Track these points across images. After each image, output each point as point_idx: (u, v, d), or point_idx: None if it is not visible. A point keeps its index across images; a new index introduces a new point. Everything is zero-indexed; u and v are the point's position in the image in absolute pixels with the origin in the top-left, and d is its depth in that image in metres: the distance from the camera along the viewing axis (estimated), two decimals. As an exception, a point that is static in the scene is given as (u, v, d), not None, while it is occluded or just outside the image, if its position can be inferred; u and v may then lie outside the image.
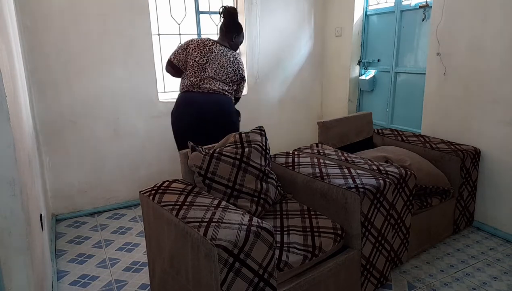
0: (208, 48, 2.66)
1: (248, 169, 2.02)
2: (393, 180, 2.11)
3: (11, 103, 1.41)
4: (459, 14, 2.78)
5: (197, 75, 2.63)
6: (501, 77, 2.58)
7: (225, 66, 2.66)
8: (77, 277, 2.35)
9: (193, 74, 2.64)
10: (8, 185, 1.23)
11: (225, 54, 2.69)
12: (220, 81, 2.66)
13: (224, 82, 2.68)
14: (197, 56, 2.64)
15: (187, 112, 2.64)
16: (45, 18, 2.84)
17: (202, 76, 2.63)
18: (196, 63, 2.63)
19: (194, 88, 2.64)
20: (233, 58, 2.71)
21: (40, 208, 2.10)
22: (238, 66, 2.73)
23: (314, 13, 4.17)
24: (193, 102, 2.63)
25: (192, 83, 2.64)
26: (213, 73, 2.64)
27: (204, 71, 2.63)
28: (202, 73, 2.63)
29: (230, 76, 2.69)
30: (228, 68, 2.67)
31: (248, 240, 1.47)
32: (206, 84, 2.63)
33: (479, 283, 2.20)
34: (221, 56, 2.67)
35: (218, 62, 2.65)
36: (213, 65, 2.64)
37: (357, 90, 4.13)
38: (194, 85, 2.63)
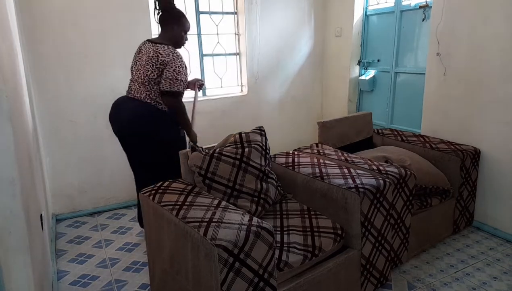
0: (138, 50, 2.47)
1: (248, 169, 2.02)
2: (393, 180, 2.11)
3: (11, 103, 1.41)
4: (459, 14, 2.78)
5: (130, 78, 2.49)
6: (501, 77, 2.58)
7: (144, 64, 2.34)
8: (77, 277, 2.35)
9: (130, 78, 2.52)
10: (8, 185, 1.23)
11: (148, 52, 2.34)
12: (141, 84, 2.36)
13: (145, 85, 2.34)
14: (132, 59, 2.50)
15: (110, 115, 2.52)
16: (45, 18, 2.84)
17: (131, 79, 2.48)
18: (130, 67, 2.50)
19: (127, 91, 2.50)
20: (153, 53, 2.30)
21: (40, 208, 2.10)
22: (158, 57, 2.28)
23: (314, 13, 4.17)
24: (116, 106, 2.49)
25: (128, 87, 2.51)
26: (137, 76, 2.40)
27: (132, 75, 2.47)
28: (132, 77, 2.48)
29: (147, 73, 2.31)
30: (146, 65, 2.32)
31: (248, 240, 1.47)
32: (132, 89, 2.44)
33: (479, 283, 2.20)
34: (144, 54, 2.37)
35: (141, 62, 2.37)
36: (138, 66, 2.39)
37: (357, 90, 4.13)
38: (128, 88, 2.50)
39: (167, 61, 2.29)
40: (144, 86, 2.35)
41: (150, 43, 2.40)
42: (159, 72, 2.30)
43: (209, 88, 3.84)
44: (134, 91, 2.40)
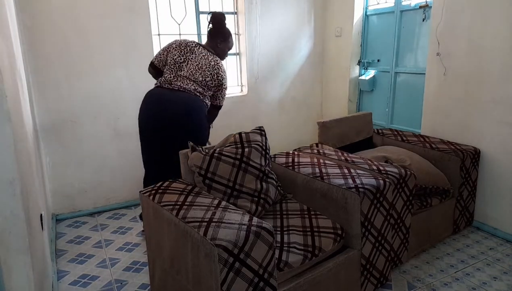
0: (189, 49, 2.55)
1: (248, 169, 2.02)
2: (393, 180, 2.11)
3: (12, 103, 1.41)
4: (459, 14, 2.78)
5: (172, 72, 2.52)
6: (501, 77, 2.58)
7: (203, 68, 2.51)
8: (77, 277, 2.35)
9: (168, 72, 2.53)
10: (8, 185, 1.23)
11: (206, 58, 2.55)
12: (194, 82, 2.50)
13: (198, 84, 2.51)
14: (176, 54, 2.53)
15: (150, 108, 2.51)
16: (45, 18, 2.84)
17: (177, 73, 2.51)
18: (174, 61, 2.52)
19: (165, 84, 2.51)
20: (214, 63, 2.56)
21: (40, 208, 2.10)
22: (218, 71, 2.56)
23: (314, 13, 4.17)
24: (159, 99, 2.49)
25: (165, 80, 2.52)
26: (189, 73, 2.50)
27: (180, 70, 2.51)
28: (177, 72, 2.51)
29: (206, 79, 2.52)
30: (206, 71, 2.52)
31: (248, 240, 1.47)
32: (178, 82, 2.49)
33: (479, 283, 2.21)
34: (201, 58, 2.54)
35: (197, 63, 2.52)
36: (191, 66, 2.51)
37: (357, 90, 4.13)
38: (166, 81, 2.51)
39: (224, 78, 2.61)
40: (196, 85, 2.51)
41: (203, 48, 2.58)
42: (217, 85, 2.58)
43: (209, 88, 3.84)
44: (184, 84, 2.49)
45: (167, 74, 2.52)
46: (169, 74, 2.52)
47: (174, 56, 2.53)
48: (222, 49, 2.71)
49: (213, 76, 2.53)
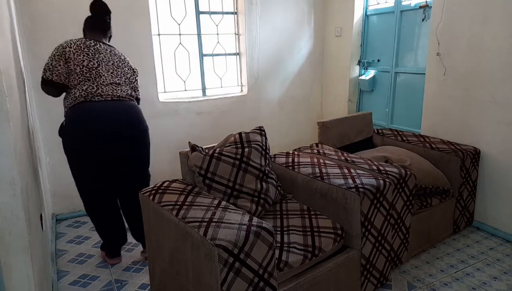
0: (93, 49, 2.17)
1: (248, 169, 2.02)
2: (393, 180, 2.11)
3: (11, 103, 1.41)
4: (459, 14, 2.78)
5: (91, 81, 2.11)
6: (501, 77, 2.58)
7: (121, 66, 2.24)
8: (77, 277, 2.35)
9: (86, 82, 2.10)
10: (8, 185, 1.23)
11: (114, 53, 2.25)
12: (120, 85, 2.22)
13: (125, 86, 2.25)
14: (84, 60, 2.12)
15: (92, 128, 2.08)
16: (45, 18, 2.84)
17: (99, 82, 2.13)
18: (86, 68, 2.11)
19: (92, 96, 2.10)
20: (123, 56, 2.30)
21: (40, 208, 2.10)
22: (129, 63, 2.33)
23: (314, 13, 4.17)
24: (98, 114, 2.08)
25: (88, 92, 2.09)
26: (111, 77, 2.17)
27: (99, 77, 2.13)
28: (98, 79, 2.13)
29: (128, 76, 2.28)
30: (124, 67, 2.26)
31: (248, 240, 1.47)
32: (104, 90, 2.13)
33: (479, 283, 2.21)
34: (111, 55, 2.22)
35: (112, 62, 2.20)
36: (107, 67, 2.17)
37: (357, 90, 4.13)
38: (91, 93, 2.10)
39: (136, 69, 2.39)
40: (124, 87, 2.24)
41: (104, 44, 2.25)
42: (135, 77, 2.36)
43: (209, 88, 3.84)
44: (115, 92, 2.17)
45: (86, 86, 2.10)
46: (89, 85, 2.11)
47: (81, 62, 2.12)
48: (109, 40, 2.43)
49: (130, 69, 2.31)
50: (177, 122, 3.56)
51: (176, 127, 3.55)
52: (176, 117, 3.56)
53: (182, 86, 3.69)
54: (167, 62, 3.57)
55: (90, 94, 2.10)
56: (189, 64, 3.67)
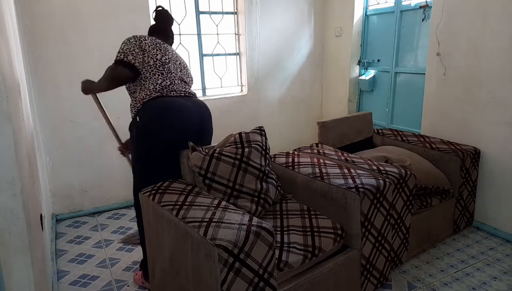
0: (162, 45, 2.13)
1: (248, 169, 2.02)
2: (393, 180, 2.11)
3: (12, 103, 1.41)
4: (459, 14, 2.78)
5: (165, 76, 2.07)
6: (501, 77, 2.58)
7: (186, 67, 2.25)
8: (77, 277, 2.35)
9: (160, 76, 2.06)
10: (8, 185, 1.23)
11: (176, 54, 2.24)
12: (186, 84, 2.20)
13: (189, 85, 2.24)
14: (157, 54, 2.08)
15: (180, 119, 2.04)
16: (45, 18, 2.84)
17: (171, 77, 2.10)
18: (159, 62, 2.07)
19: (167, 91, 2.05)
20: (182, 58, 2.29)
21: (40, 208, 2.10)
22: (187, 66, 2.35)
23: (314, 13, 4.17)
24: (181, 107, 2.05)
25: (162, 86, 2.04)
26: (179, 74, 2.17)
27: (169, 72, 2.10)
28: (169, 74, 2.09)
29: (191, 77, 2.28)
30: (187, 69, 2.26)
31: (248, 240, 1.47)
32: (176, 87, 2.09)
33: (479, 283, 2.20)
34: (177, 56, 2.22)
35: (179, 62, 2.20)
36: (175, 65, 2.15)
37: (357, 90, 4.13)
38: (165, 88, 2.05)
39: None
40: (188, 86, 2.22)
41: (168, 45, 2.22)
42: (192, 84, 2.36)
43: (209, 88, 3.84)
44: (184, 88, 2.14)
45: (160, 80, 2.05)
46: (163, 79, 2.07)
47: (155, 55, 2.07)
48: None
49: (191, 74, 2.32)
50: (177, 122, 3.56)
51: (176, 127, 3.55)
52: (176, 117, 3.55)
53: (182, 86, 3.69)
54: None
55: (165, 89, 2.04)
56: (189, 64, 3.67)
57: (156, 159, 2.06)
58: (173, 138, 2.04)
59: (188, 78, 2.23)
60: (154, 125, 1.99)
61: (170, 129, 2.02)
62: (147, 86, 2.03)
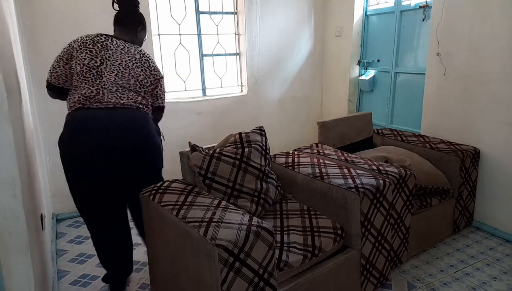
0: (100, 45, 1.85)
1: (248, 169, 2.02)
2: (393, 180, 2.11)
3: (12, 103, 1.41)
4: (459, 14, 2.78)
5: (92, 84, 1.79)
6: (501, 77, 2.58)
7: (130, 66, 1.87)
8: (77, 277, 2.35)
9: (86, 84, 1.80)
10: (8, 185, 1.23)
11: (128, 51, 1.90)
12: (128, 90, 1.86)
13: (134, 91, 1.88)
14: (86, 57, 1.82)
15: (86, 140, 1.75)
16: (45, 18, 2.84)
17: (100, 84, 1.80)
18: (86, 67, 1.80)
19: (91, 103, 1.78)
20: (140, 55, 1.93)
21: (41, 208, 2.10)
22: (149, 64, 1.95)
23: (314, 13, 4.17)
24: (95, 124, 1.76)
25: (86, 97, 1.78)
26: (115, 79, 1.83)
27: (100, 77, 1.81)
28: (98, 81, 1.80)
29: (140, 80, 1.89)
30: (135, 68, 1.89)
31: (248, 239, 1.47)
32: (108, 96, 1.80)
33: (479, 283, 2.21)
34: (121, 53, 1.87)
35: (120, 62, 1.86)
36: (113, 67, 1.83)
37: (357, 90, 4.13)
38: (89, 98, 1.78)
39: (159, 70, 2.01)
40: (138, 94, 1.89)
41: (119, 40, 1.93)
42: (153, 81, 1.96)
43: (209, 88, 3.84)
44: (118, 98, 1.82)
45: (85, 89, 1.79)
46: (88, 88, 1.79)
47: (83, 60, 1.81)
48: (140, 41, 2.10)
49: (146, 72, 1.92)
50: (177, 122, 3.56)
51: (176, 127, 3.55)
52: (176, 117, 3.55)
53: (182, 86, 3.69)
54: (167, 62, 3.57)
55: (88, 100, 1.78)
56: (189, 64, 3.67)
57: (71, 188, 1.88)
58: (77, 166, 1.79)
59: (129, 82, 1.86)
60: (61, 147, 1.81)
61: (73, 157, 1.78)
62: (73, 97, 1.81)
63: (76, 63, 1.83)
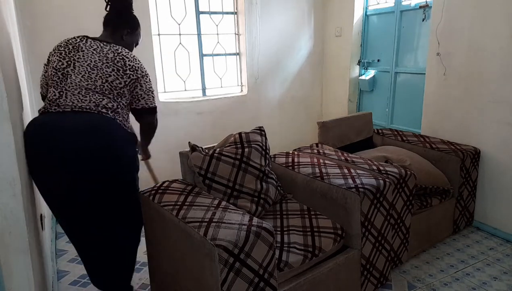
0: (72, 47, 1.75)
1: (248, 169, 2.02)
2: (393, 180, 2.11)
3: (11, 103, 1.41)
4: (459, 14, 2.78)
5: (56, 86, 1.69)
6: (501, 77, 2.58)
7: (99, 66, 1.70)
8: (77, 277, 2.34)
9: (52, 87, 1.71)
10: (8, 185, 1.22)
11: (100, 51, 1.74)
12: (93, 92, 1.68)
13: (101, 93, 1.69)
14: (55, 60, 1.73)
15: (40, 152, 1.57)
16: (45, 18, 2.84)
17: (64, 87, 1.67)
18: (54, 70, 1.71)
19: (51, 107, 1.66)
20: (114, 54, 1.75)
21: (40, 208, 2.10)
22: (124, 62, 1.75)
23: (314, 13, 4.17)
24: (46, 133, 1.57)
25: (49, 100, 1.68)
26: (80, 80, 1.68)
27: (65, 79, 1.68)
28: (63, 83, 1.68)
29: (110, 80, 1.71)
30: (105, 68, 1.71)
31: (248, 240, 1.47)
32: (68, 99, 1.65)
33: (479, 283, 2.20)
34: (92, 54, 1.72)
35: (88, 62, 1.70)
36: (81, 69, 1.69)
37: (357, 90, 4.13)
38: (51, 102, 1.67)
39: (140, 68, 1.80)
40: (105, 97, 1.69)
41: (95, 41, 1.78)
42: (131, 80, 1.76)
43: (209, 88, 3.84)
44: (78, 100, 1.65)
45: (50, 92, 1.70)
46: (53, 91, 1.69)
47: (54, 63, 1.73)
48: (128, 44, 1.94)
49: (118, 72, 1.73)
50: (177, 122, 3.56)
51: (176, 127, 3.55)
52: (176, 117, 3.56)
53: (182, 86, 3.69)
54: (167, 62, 3.58)
55: (49, 104, 1.66)
56: (189, 64, 3.67)
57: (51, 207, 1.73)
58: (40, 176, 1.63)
59: (95, 83, 1.69)
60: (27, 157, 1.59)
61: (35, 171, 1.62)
62: (44, 102, 1.75)
63: (49, 68, 1.76)
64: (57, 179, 1.59)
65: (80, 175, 1.58)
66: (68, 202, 1.65)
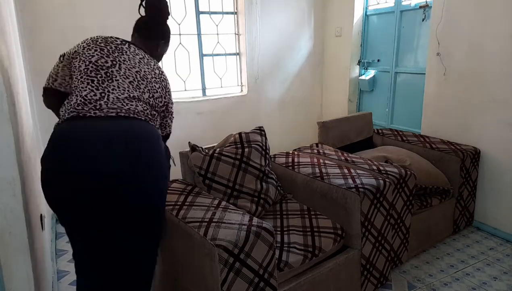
0: (114, 46, 1.53)
1: (248, 169, 2.02)
2: (393, 180, 2.11)
3: (11, 103, 1.41)
4: (459, 14, 2.78)
5: (95, 86, 1.40)
6: (501, 77, 2.58)
7: (149, 78, 1.51)
8: (77, 277, 2.34)
9: (88, 85, 1.40)
10: (8, 185, 1.22)
11: (147, 62, 1.56)
12: (140, 101, 1.45)
13: (146, 103, 1.48)
14: (94, 55, 1.47)
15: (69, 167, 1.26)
16: (45, 18, 2.84)
17: (105, 88, 1.40)
18: (93, 65, 1.44)
19: (88, 109, 1.34)
20: (159, 71, 1.59)
21: (40, 207, 2.10)
22: (167, 85, 1.61)
23: (314, 13, 4.17)
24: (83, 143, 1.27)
25: (85, 100, 1.36)
26: (128, 86, 1.44)
27: (109, 80, 1.42)
28: (105, 84, 1.41)
29: (155, 96, 1.52)
30: (153, 83, 1.52)
31: (248, 240, 1.47)
32: (115, 103, 1.38)
33: (479, 283, 2.20)
34: (140, 62, 1.53)
35: (137, 70, 1.49)
36: (127, 73, 1.46)
37: (357, 90, 4.13)
38: (89, 102, 1.36)
39: (172, 108, 1.66)
40: (143, 103, 1.47)
41: (139, 49, 1.60)
42: (164, 104, 1.59)
43: (209, 88, 3.84)
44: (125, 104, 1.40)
45: (87, 91, 1.38)
46: (91, 89, 1.39)
47: (90, 57, 1.47)
48: (160, 55, 1.79)
49: (163, 91, 1.57)
50: (177, 122, 3.54)
51: (176, 127, 3.53)
52: (176, 117, 3.52)
53: (182, 86, 3.69)
54: (167, 62, 3.57)
55: (88, 105, 1.35)
56: (189, 64, 3.67)
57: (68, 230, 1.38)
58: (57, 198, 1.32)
59: (144, 95, 1.47)
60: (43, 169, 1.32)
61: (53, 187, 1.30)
62: (70, 100, 1.40)
63: (80, 61, 1.47)
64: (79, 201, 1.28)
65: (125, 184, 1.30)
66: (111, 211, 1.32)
